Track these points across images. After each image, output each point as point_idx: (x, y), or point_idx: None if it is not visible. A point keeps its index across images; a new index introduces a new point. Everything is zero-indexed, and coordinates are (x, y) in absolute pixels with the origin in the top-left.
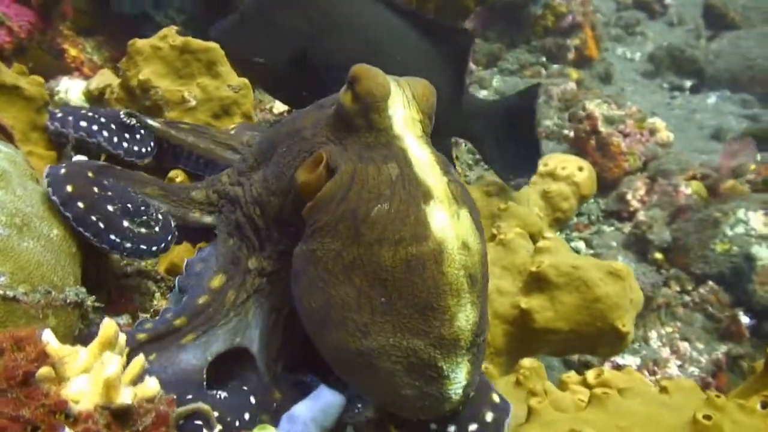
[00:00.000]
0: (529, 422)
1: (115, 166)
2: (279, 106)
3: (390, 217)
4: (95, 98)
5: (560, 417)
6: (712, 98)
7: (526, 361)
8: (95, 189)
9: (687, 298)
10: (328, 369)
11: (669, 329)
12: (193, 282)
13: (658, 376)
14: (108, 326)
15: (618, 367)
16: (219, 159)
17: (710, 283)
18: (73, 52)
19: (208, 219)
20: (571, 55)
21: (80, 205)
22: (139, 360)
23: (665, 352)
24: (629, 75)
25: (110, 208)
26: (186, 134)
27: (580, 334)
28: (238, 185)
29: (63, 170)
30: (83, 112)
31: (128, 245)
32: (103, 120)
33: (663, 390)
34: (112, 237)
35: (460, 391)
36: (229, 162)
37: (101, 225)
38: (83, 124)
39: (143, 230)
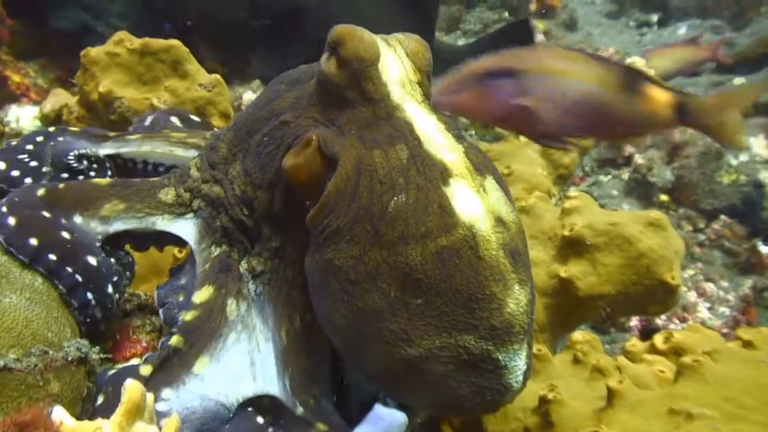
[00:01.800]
0: (613, 407)
1: (58, 186)
2: (246, 100)
3: (410, 209)
4: (52, 121)
5: (649, 396)
6: (682, 29)
7: (578, 335)
8: (65, 235)
9: (702, 237)
10: None
11: (690, 272)
12: (181, 298)
13: (690, 323)
14: (132, 388)
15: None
16: (182, 162)
17: (722, 217)
18: (16, 78)
19: (178, 224)
20: (533, 7)
21: (52, 257)
22: (173, 421)
23: (692, 296)
24: (594, 18)
25: (92, 261)
26: (138, 144)
27: (628, 295)
28: (216, 183)
29: (13, 220)
30: (20, 158)
31: (99, 315)
32: (44, 169)
33: (748, 345)
34: (89, 296)
35: (520, 378)
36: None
37: (79, 278)
38: (15, 174)
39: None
